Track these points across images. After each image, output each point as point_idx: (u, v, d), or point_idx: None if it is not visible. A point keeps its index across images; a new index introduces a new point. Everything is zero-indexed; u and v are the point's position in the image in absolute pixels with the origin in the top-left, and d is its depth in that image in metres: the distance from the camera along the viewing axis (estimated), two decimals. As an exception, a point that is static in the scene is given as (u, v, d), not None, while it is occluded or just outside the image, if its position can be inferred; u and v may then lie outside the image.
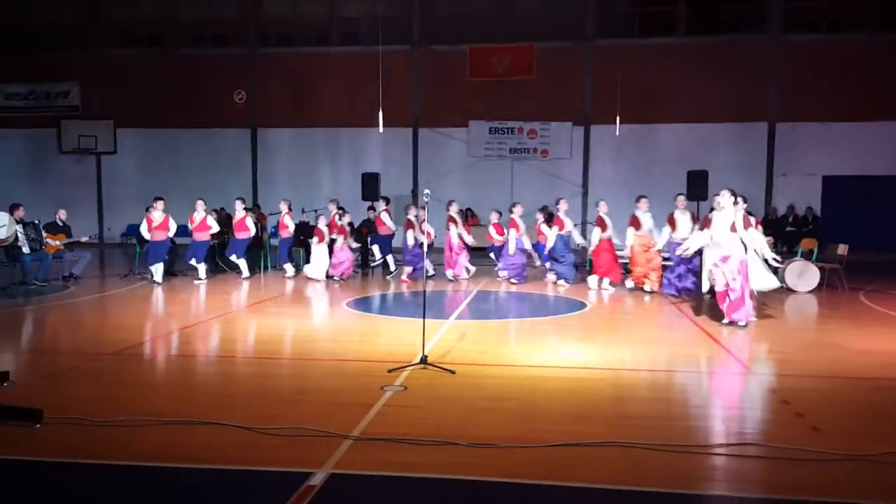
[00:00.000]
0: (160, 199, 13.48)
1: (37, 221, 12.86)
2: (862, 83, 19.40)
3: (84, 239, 13.73)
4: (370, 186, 18.83)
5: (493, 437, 4.97)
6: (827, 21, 20.01)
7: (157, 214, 13.31)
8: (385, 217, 15.12)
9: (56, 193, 20.37)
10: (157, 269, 13.26)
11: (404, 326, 8.94)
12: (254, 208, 19.93)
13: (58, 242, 13.20)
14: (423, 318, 7.33)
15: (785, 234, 18.63)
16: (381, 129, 14.53)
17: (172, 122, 21.97)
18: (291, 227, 14.62)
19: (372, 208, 17.03)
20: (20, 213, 12.28)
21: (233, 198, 15.26)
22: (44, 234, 12.81)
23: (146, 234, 13.31)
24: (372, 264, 15.77)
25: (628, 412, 5.78)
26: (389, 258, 15.17)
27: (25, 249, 12.25)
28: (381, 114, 13.82)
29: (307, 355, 7.85)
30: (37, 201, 17.06)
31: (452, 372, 6.69)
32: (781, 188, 20.38)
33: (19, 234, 12.10)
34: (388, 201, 15.78)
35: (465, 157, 21.50)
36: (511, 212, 13.77)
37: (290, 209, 14.70)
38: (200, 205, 13.79)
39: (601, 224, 12.72)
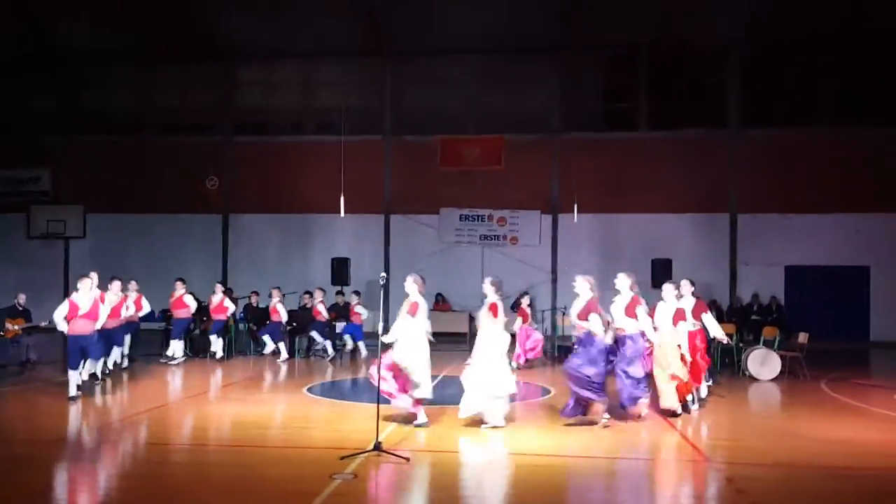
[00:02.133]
0: (117, 279, 12.51)
1: (-3, 306, 12.64)
2: (820, 175, 20.06)
3: (44, 324, 13.43)
4: (340, 271, 18.90)
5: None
6: (785, 115, 20.87)
7: (111, 296, 11.76)
8: (359, 307, 15.90)
9: (22, 278, 20.09)
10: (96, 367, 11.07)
11: (364, 412, 8.77)
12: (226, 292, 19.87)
13: (16, 327, 12.96)
14: (378, 402, 7.24)
15: (750, 322, 18.80)
16: (342, 213, 14.74)
17: (144, 207, 21.99)
18: (283, 313, 15.13)
19: (341, 293, 17.06)
20: (-22, 296, 12.06)
21: (203, 283, 15.38)
22: (3, 319, 12.58)
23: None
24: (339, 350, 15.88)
25: (575, 501, 5.69)
26: (361, 344, 15.93)
27: (-18, 333, 11.98)
28: (342, 199, 14.00)
29: (257, 442, 7.65)
30: (2, 286, 16.87)
31: (407, 459, 6.56)
32: (745, 277, 20.71)
33: (-25, 318, 11.85)
34: (359, 294, 16.42)
35: (437, 242, 21.69)
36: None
37: (283, 295, 15.42)
38: (179, 285, 14.19)
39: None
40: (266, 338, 15.10)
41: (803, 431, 8.32)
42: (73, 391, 9.66)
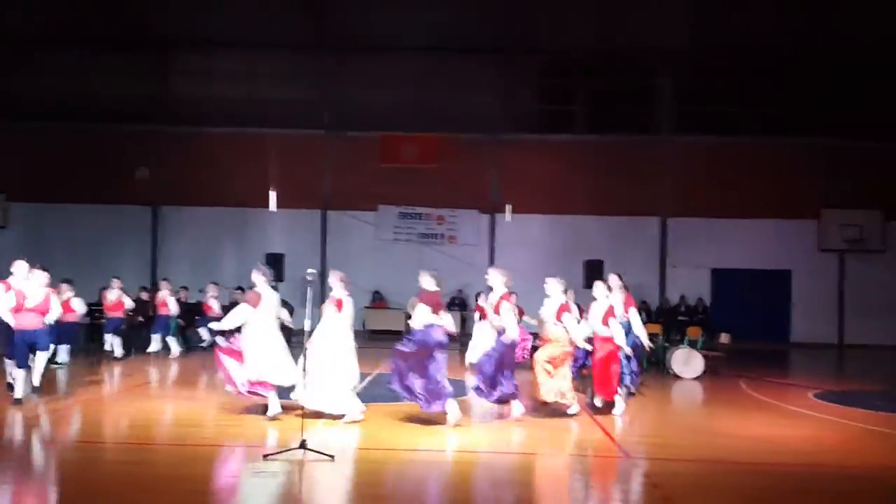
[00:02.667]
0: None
1: None
2: (747, 182, 20.81)
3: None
4: (274, 267, 18.60)
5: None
6: (715, 124, 21.55)
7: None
8: (212, 301, 15.35)
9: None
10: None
11: (293, 410, 8.68)
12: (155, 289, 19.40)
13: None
14: (302, 400, 7.21)
15: (677, 322, 19.38)
16: (272, 207, 14.50)
17: (70, 197, 21.25)
18: (172, 306, 14.65)
19: (275, 289, 16.79)
20: None
21: (133, 276, 14.96)
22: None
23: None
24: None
25: (498, 497, 5.79)
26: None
27: None
28: (273, 194, 13.81)
29: (182, 440, 7.51)
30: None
31: (331, 457, 6.53)
32: (673, 279, 21.35)
33: None
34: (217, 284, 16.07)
35: (374, 240, 21.64)
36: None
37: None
38: (116, 283, 13.79)
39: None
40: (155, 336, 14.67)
41: (721, 428, 8.64)
42: (18, 393, 8.67)
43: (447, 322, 8.06)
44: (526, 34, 20.98)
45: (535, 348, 12.08)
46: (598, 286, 9.52)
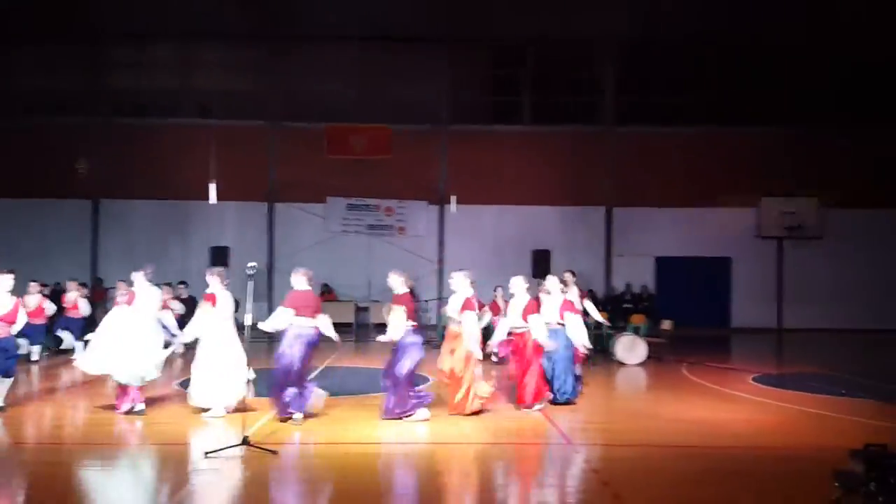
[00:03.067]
0: None
1: None
2: (688, 172, 21.24)
3: None
4: (219, 261, 18.34)
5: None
6: (657, 114, 21.93)
7: None
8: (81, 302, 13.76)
9: None
10: None
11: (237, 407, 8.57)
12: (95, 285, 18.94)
13: None
14: (245, 393, 7.13)
15: (622, 310, 19.71)
16: (212, 200, 14.18)
17: (5, 191, 20.53)
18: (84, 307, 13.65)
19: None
20: None
21: (68, 272, 14.37)
22: None
23: None
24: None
25: (435, 486, 5.83)
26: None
27: None
28: (213, 186, 13.55)
29: (115, 439, 7.35)
30: None
31: (275, 452, 6.48)
32: (619, 268, 21.69)
33: None
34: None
35: (323, 232, 21.43)
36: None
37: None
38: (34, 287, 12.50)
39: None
40: (65, 334, 13.40)
41: (662, 413, 8.82)
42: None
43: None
44: (472, 24, 20.96)
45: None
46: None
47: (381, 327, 8.89)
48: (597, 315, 10.26)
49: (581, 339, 9.19)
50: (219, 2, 19.87)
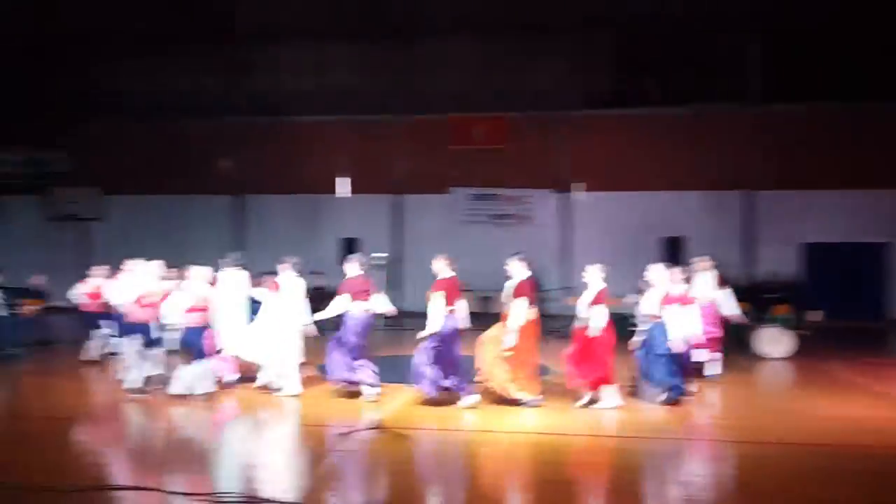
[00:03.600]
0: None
1: (15, 286, 12.86)
2: (839, 152, 19.70)
3: (61, 304, 13.63)
4: (349, 251, 18.98)
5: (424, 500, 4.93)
6: (803, 92, 20.47)
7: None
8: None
9: (40, 259, 20.40)
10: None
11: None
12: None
13: (34, 307, 13.19)
14: (378, 379, 7.34)
15: (765, 300, 18.63)
16: (347, 194, 14.66)
17: (160, 188, 22.24)
18: None
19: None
20: (-1, 277, 12.29)
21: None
22: (20, 299, 12.80)
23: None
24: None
25: (568, 478, 5.75)
26: None
27: (3, 313, 12.21)
28: (344, 180, 13.99)
29: (261, 418, 7.77)
30: (23, 267, 17.10)
31: (407, 436, 6.64)
32: (761, 255, 20.50)
33: (-1, 299, 12.07)
34: None
35: (447, 222, 21.70)
36: None
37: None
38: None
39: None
40: None
41: (808, 410, 8.28)
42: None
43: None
44: (596, 5, 20.42)
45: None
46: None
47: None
48: (732, 307, 9.65)
49: (679, 335, 8.14)
50: (345, 2, 20.51)
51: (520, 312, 7.98)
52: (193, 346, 8.35)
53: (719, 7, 20.00)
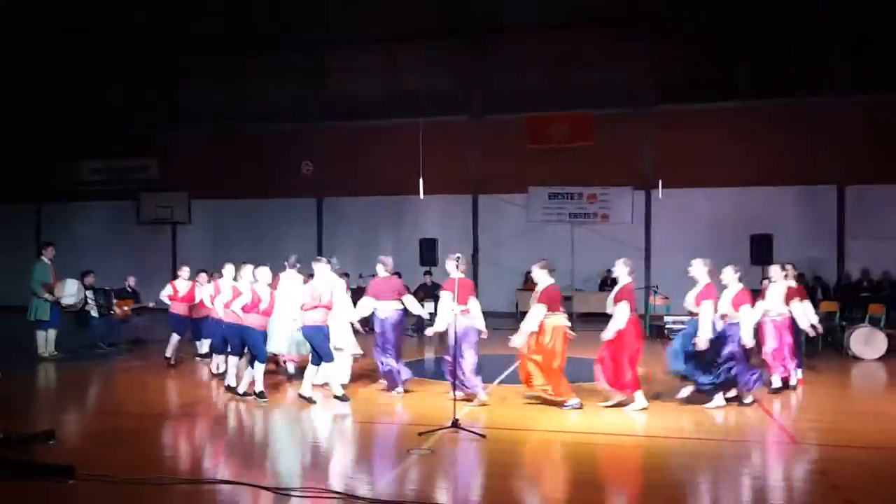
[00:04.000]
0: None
1: (107, 288, 13.55)
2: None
3: (152, 304, 14.28)
4: (428, 252, 19.12)
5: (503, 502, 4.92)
6: (893, 82, 19.40)
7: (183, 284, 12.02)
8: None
9: (132, 261, 21.45)
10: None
11: (443, 389, 8.90)
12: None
13: (126, 308, 13.86)
14: (454, 379, 7.37)
15: (858, 299, 17.78)
16: (421, 195, 14.81)
17: (243, 193, 23.01)
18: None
19: (429, 273, 17.27)
20: (90, 279, 13.00)
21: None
22: (113, 300, 13.48)
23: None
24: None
25: (654, 481, 5.63)
26: None
27: (94, 314, 12.92)
28: (421, 181, 14.15)
29: (339, 416, 7.93)
30: (115, 269, 18.00)
31: (483, 436, 6.66)
32: (854, 252, 19.54)
33: (88, 300, 12.78)
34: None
35: (524, 222, 21.60)
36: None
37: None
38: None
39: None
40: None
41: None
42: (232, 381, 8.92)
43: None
44: (676, -1, 19.94)
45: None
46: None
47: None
48: (807, 321, 9.20)
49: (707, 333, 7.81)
50: (418, 3, 20.67)
51: (534, 317, 8.03)
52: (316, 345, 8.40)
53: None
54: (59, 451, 6.18)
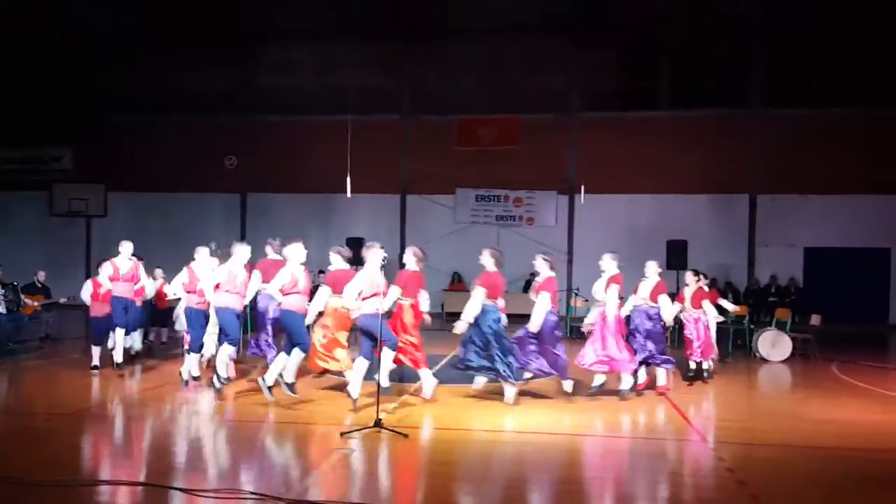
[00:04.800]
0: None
1: (15, 283, 12.92)
2: (841, 156, 19.74)
3: (63, 300, 13.71)
4: (355, 251, 19.01)
5: (425, 501, 4.97)
6: (807, 96, 20.50)
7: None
8: None
9: (43, 255, 20.53)
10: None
11: (369, 389, 8.87)
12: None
13: (35, 304, 13.27)
14: (378, 378, 7.38)
15: (767, 304, 18.69)
16: (348, 194, 14.77)
17: (164, 186, 22.32)
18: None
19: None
20: (-2, 273, 12.40)
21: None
22: (22, 296, 12.87)
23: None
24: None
25: (568, 477, 5.79)
26: None
27: (1, 310, 12.30)
28: (349, 179, 14.10)
29: (261, 418, 7.82)
30: (25, 263, 17.20)
31: (405, 435, 6.68)
32: (763, 259, 20.53)
33: (-5, 295, 12.17)
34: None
35: (452, 223, 21.76)
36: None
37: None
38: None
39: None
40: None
41: (807, 413, 8.31)
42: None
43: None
44: (604, 9, 20.47)
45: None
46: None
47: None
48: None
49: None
50: (358, 1, 20.57)
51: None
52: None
53: (724, 11, 20.06)
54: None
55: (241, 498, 4.97)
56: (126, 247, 10.34)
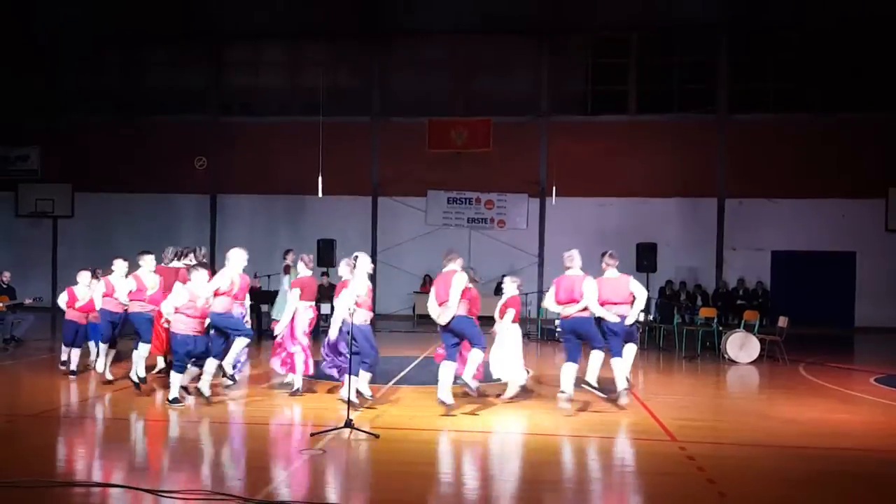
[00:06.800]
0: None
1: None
2: (808, 161, 20.08)
3: (28, 301, 13.39)
4: (326, 252, 18.90)
5: (396, 501, 4.94)
6: (773, 101, 20.87)
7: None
8: None
9: (9, 256, 20.10)
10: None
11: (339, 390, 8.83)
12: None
13: (0, 304, 12.97)
14: (349, 379, 7.34)
15: (734, 306, 18.94)
16: (320, 194, 14.69)
17: (132, 187, 21.98)
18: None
19: (326, 274, 17.08)
20: (-39, 274, 12.10)
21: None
22: (-16, 296, 12.59)
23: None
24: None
25: (538, 477, 5.80)
26: None
27: (-37, 311, 12.02)
28: (320, 180, 14.02)
29: (231, 418, 7.73)
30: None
31: (376, 436, 6.65)
32: (731, 262, 20.81)
33: (-42, 296, 11.88)
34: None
35: (423, 225, 21.74)
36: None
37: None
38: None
39: None
40: None
41: (774, 412, 8.42)
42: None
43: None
44: (575, 13, 20.66)
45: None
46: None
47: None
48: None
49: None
50: (327, 2, 20.49)
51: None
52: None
53: (691, 17, 20.37)
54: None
55: (207, 498, 4.90)
56: (147, 260, 9.34)
